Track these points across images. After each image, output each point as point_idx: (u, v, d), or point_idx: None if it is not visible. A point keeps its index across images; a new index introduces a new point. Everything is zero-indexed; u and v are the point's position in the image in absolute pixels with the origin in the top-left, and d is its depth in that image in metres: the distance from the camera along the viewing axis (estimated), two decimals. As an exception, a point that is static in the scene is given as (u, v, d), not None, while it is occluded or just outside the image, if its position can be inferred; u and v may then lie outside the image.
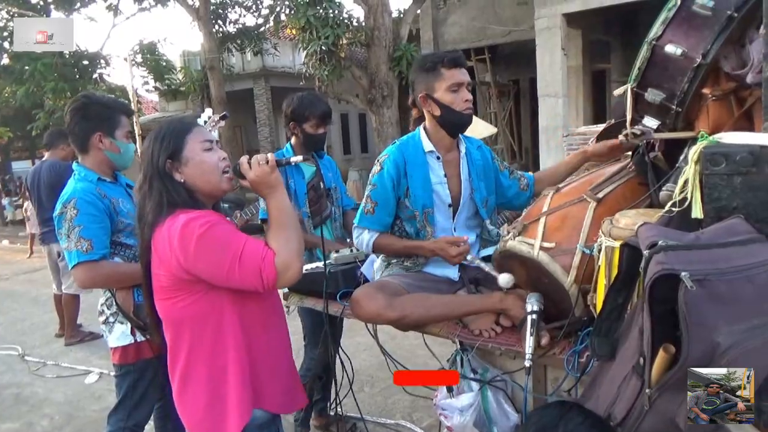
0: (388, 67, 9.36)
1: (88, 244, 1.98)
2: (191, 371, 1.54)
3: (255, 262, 1.41)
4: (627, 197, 1.77)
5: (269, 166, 1.53)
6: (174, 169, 1.52)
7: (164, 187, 1.49)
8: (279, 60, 16.89)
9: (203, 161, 1.54)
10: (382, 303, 1.77)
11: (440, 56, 1.94)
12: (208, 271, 1.44)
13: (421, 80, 1.98)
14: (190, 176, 1.53)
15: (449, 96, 1.92)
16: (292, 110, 2.69)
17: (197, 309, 1.49)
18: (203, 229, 1.41)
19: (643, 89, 1.56)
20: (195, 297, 1.48)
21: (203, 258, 1.41)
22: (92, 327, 5.07)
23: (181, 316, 1.51)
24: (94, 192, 2.05)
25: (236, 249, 1.41)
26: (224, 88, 13.23)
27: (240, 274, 1.41)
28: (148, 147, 1.54)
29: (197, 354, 1.53)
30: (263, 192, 1.56)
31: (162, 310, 1.55)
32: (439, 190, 2.00)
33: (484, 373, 1.88)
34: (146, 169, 1.52)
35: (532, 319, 1.65)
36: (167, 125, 1.56)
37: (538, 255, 1.66)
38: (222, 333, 1.52)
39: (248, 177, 1.53)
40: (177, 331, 1.54)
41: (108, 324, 2.19)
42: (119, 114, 2.15)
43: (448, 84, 1.92)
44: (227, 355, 1.52)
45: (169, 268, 1.45)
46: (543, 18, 9.07)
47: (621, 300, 1.33)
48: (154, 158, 1.51)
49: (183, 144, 1.53)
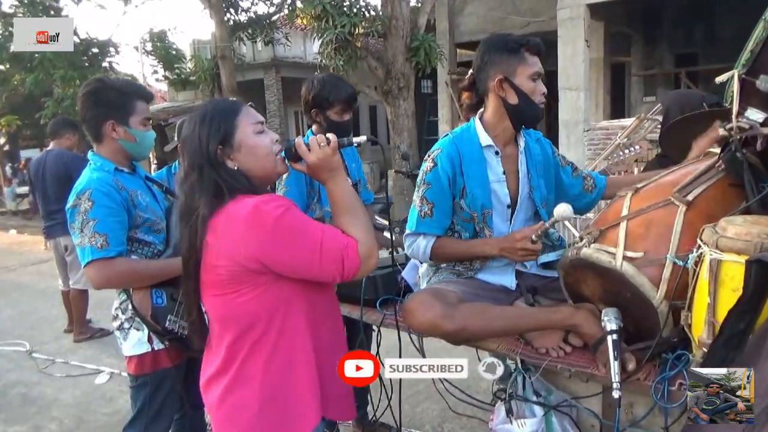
0: (404, 57, 9.07)
1: (103, 239, 1.79)
2: (243, 374, 1.36)
3: (337, 251, 1.28)
4: (718, 200, 1.55)
5: (331, 148, 1.37)
6: (226, 156, 1.34)
7: (219, 176, 1.30)
8: (290, 50, 16.65)
9: (257, 145, 1.36)
10: (440, 312, 1.56)
11: (524, 39, 1.74)
12: (284, 260, 1.28)
13: (499, 62, 1.75)
14: (244, 162, 1.35)
15: (530, 84, 1.72)
16: (314, 96, 2.39)
17: (260, 304, 1.32)
18: (278, 212, 1.25)
19: (754, 76, 1.33)
20: (259, 290, 1.30)
21: (279, 245, 1.26)
22: (102, 323, 4.90)
23: (239, 312, 1.33)
24: (111, 183, 1.86)
25: (315, 236, 1.27)
26: (235, 78, 13.00)
27: (321, 264, 1.27)
28: (193, 132, 1.34)
29: (256, 354, 1.35)
30: (323, 176, 1.40)
31: (215, 307, 1.37)
32: (497, 189, 1.78)
33: (548, 396, 1.68)
34: (193, 158, 1.33)
35: (614, 340, 1.44)
36: (212, 107, 1.37)
37: (622, 266, 1.45)
38: (287, 330, 1.35)
39: (309, 160, 1.37)
40: (232, 330, 1.35)
41: (123, 330, 2.00)
42: (134, 99, 1.94)
43: (532, 71, 1.72)
44: (293, 355, 1.36)
45: (233, 257, 1.27)
46: (566, 8, 8.78)
47: (743, 325, 1.12)
48: (203, 145, 1.31)
49: (234, 128, 1.34)
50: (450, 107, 12.75)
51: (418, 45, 9.08)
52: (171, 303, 1.90)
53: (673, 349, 1.46)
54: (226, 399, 1.38)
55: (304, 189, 2.38)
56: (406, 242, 1.82)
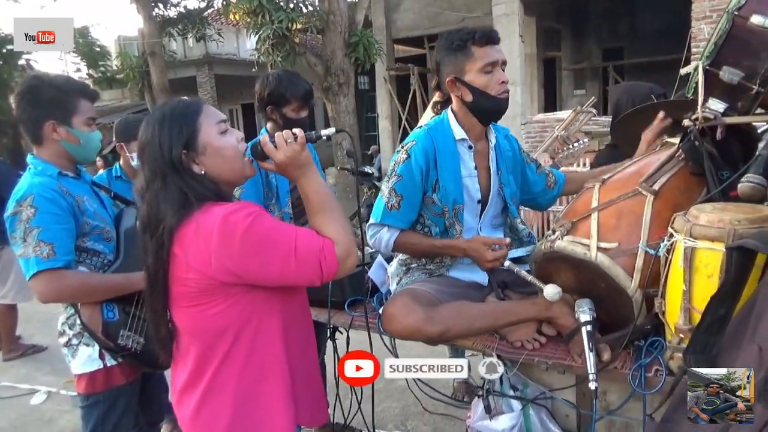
0: (344, 53, 9.01)
1: (49, 248, 1.64)
2: (216, 385, 1.29)
3: (313, 255, 1.22)
4: (681, 189, 1.60)
5: (299, 143, 1.30)
6: (191, 161, 1.24)
7: (185, 183, 1.21)
8: (223, 47, 16.22)
9: (223, 146, 1.28)
10: (422, 317, 1.53)
11: (470, 32, 1.69)
12: (257, 270, 1.21)
13: (448, 61, 1.73)
14: (211, 166, 1.26)
15: (482, 78, 1.68)
16: (269, 92, 2.29)
17: (234, 314, 1.25)
18: (247, 221, 1.17)
19: (717, 67, 1.37)
20: (231, 301, 1.24)
21: (251, 256, 1.19)
22: (35, 338, 4.58)
23: (210, 324, 1.25)
24: (54, 188, 1.71)
25: (289, 241, 1.21)
26: (167, 76, 12.51)
27: (297, 270, 1.21)
28: (152, 137, 1.23)
29: (228, 365, 1.28)
30: (294, 173, 1.33)
31: (184, 319, 1.29)
32: (468, 184, 1.76)
33: (524, 390, 1.68)
34: (155, 165, 1.22)
35: (588, 332, 1.45)
36: (171, 108, 1.27)
37: (597, 257, 1.46)
38: (260, 338, 1.29)
39: (276, 158, 1.30)
40: (203, 342, 1.28)
41: (71, 346, 1.85)
42: (77, 97, 1.79)
43: (481, 64, 1.68)
44: (266, 365, 1.30)
45: (203, 270, 1.19)
46: (501, 4, 8.97)
47: (724, 311, 1.14)
48: (165, 150, 1.21)
49: (197, 129, 1.25)
50: (389, 103, 12.79)
51: (357, 40, 9.05)
52: (123, 316, 1.77)
53: (645, 336, 1.50)
54: (200, 412, 1.31)
55: (261, 190, 2.28)
56: (369, 232, 1.77)
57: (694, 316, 1.29)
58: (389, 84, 12.61)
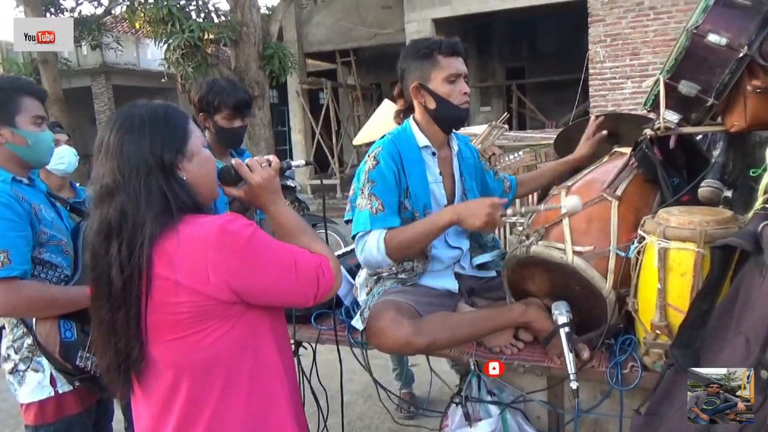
0: (258, 65, 8.84)
1: (4, 256, 1.48)
2: (221, 423, 1.15)
3: (312, 269, 1.20)
4: (639, 194, 1.71)
5: (273, 169, 1.29)
6: (178, 165, 1.15)
7: (169, 187, 1.10)
8: (122, 56, 15.34)
9: (209, 159, 1.22)
10: (410, 330, 1.50)
11: (437, 42, 1.73)
12: (259, 285, 1.14)
13: (413, 68, 1.75)
14: (195, 175, 1.17)
15: (446, 87, 1.72)
16: (199, 98, 2.22)
17: (233, 339, 1.14)
18: (249, 231, 1.11)
19: (676, 81, 1.48)
20: (230, 324, 1.13)
21: (253, 268, 1.12)
22: None
23: (210, 354, 1.12)
24: (9, 193, 1.55)
25: (289, 256, 1.18)
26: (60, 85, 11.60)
27: (297, 286, 1.18)
28: (138, 133, 1.11)
29: (231, 399, 1.15)
30: (265, 199, 1.29)
31: (170, 352, 1.12)
32: (434, 189, 1.78)
33: (500, 394, 1.71)
34: (135, 162, 1.09)
35: (567, 333, 1.50)
36: (163, 108, 1.16)
37: (573, 260, 1.52)
38: (261, 363, 1.19)
39: (253, 180, 1.26)
40: (195, 376, 1.13)
41: (17, 373, 1.67)
42: (19, 96, 1.62)
43: (446, 74, 1.71)
44: (271, 390, 1.20)
45: (199, 289, 1.07)
46: (413, 22, 9.23)
47: (706, 306, 1.23)
48: (155, 149, 1.10)
49: (188, 134, 1.17)
50: (302, 117, 12.70)
51: (272, 53, 8.91)
52: (82, 336, 1.61)
53: (616, 334, 1.57)
54: None
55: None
56: (357, 247, 1.71)
57: (669, 312, 1.37)
58: (302, 98, 12.52)
